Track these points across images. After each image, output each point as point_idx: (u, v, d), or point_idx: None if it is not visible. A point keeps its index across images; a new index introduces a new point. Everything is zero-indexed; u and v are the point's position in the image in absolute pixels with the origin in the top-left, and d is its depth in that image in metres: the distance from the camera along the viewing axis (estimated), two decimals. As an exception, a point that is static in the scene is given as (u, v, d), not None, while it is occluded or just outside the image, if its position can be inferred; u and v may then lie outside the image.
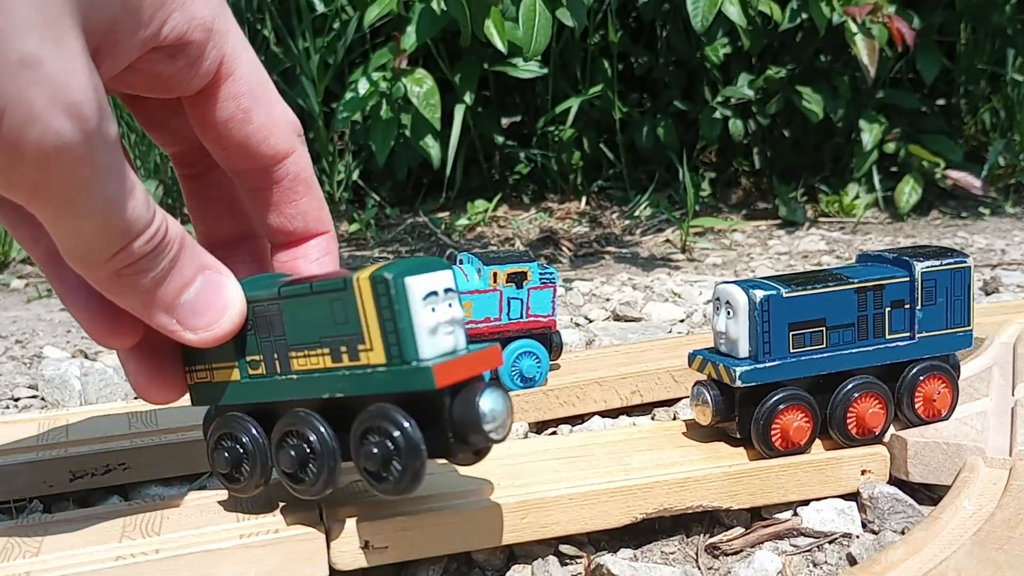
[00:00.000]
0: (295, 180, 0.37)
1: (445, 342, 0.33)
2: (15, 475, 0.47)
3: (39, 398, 0.67)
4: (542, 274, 0.55)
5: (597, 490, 0.41)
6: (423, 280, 0.32)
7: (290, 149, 0.36)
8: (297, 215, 0.37)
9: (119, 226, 0.30)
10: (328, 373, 0.34)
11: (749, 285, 0.44)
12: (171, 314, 0.33)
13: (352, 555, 0.37)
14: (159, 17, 0.31)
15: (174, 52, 0.32)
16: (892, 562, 0.35)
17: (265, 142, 0.35)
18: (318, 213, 0.38)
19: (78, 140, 0.27)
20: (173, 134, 0.39)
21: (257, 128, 0.35)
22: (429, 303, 0.32)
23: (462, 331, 0.34)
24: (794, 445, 0.44)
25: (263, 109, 0.35)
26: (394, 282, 0.32)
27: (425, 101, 1.24)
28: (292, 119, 0.36)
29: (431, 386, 0.32)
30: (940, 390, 0.46)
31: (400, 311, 0.32)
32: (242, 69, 0.34)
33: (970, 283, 0.46)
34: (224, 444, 0.37)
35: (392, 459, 0.33)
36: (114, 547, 0.36)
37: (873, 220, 1.43)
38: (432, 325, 0.33)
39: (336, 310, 0.33)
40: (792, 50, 1.48)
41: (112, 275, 0.31)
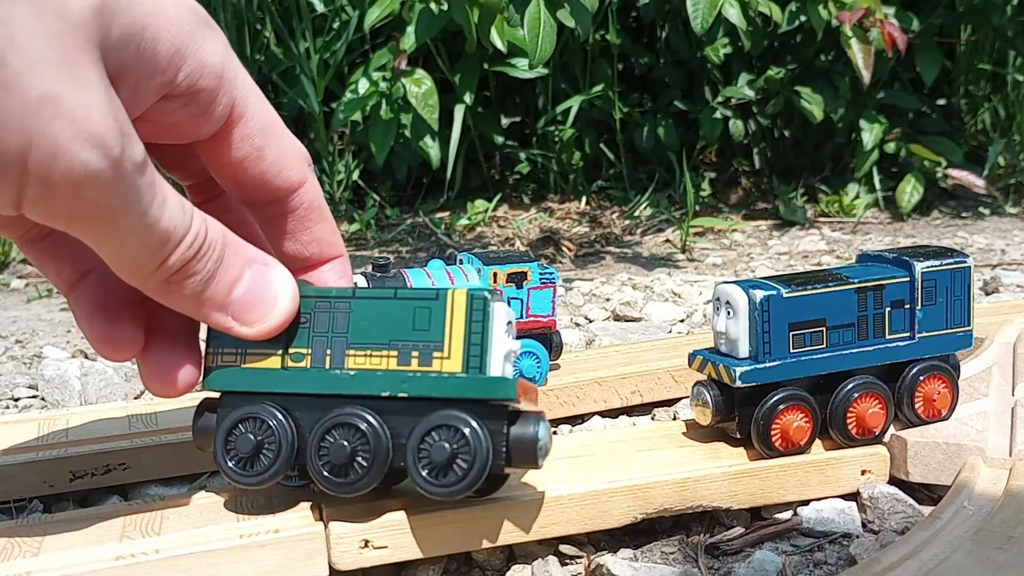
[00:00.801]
0: (309, 209, 0.38)
1: (509, 368, 0.37)
2: (15, 475, 0.47)
3: (39, 398, 0.67)
4: (542, 274, 0.55)
5: (597, 490, 0.41)
6: (503, 309, 0.36)
7: (302, 179, 0.37)
8: (312, 241, 0.39)
9: (158, 239, 0.31)
10: (392, 373, 0.36)
11: (749, 285, 0.44)
12: (226, 312, 0.35)
13: (352, 555, 0.37)
14: (174, 64, 0.32)
15: (187, 99, 0.33)
16: (892, 562, 0.35)
17: (279, 176, 0.37)
18: (331, 238, 0.39)
19: (105, 167, 0.28)
20: (187, 171, 0.40)
21: (271, 164, 0.36)
22: (508, 331, 0.36)
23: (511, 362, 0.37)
24: (794, 445, 0.44)
25: (275, 145, 0.36)
26: (489, 302, 0.36)
27: (423, 102, 1.24)
28: (302, 150, 0.38)
29: (513, 396, 0.35)
30: (940, 390, 0.46)
31: (489, 328, 0.35)
32: (253, 110, 0.35)
33: (970, 283, 0.46)
34: (247, 426, 0.37)
35: (458, 456, 0.35)
36: (114, 547, 0.36)
37: (873, 220, 1.43)
38: (507, 350, 0.36)
39: (419, 316, 0.36)
40: (792, 50, 1.48)
41: (162, 284, 0.33)
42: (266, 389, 0.37)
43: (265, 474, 0.37)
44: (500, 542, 0.40)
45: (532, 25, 0.94)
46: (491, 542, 0.40)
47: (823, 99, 1.38)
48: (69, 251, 0.36)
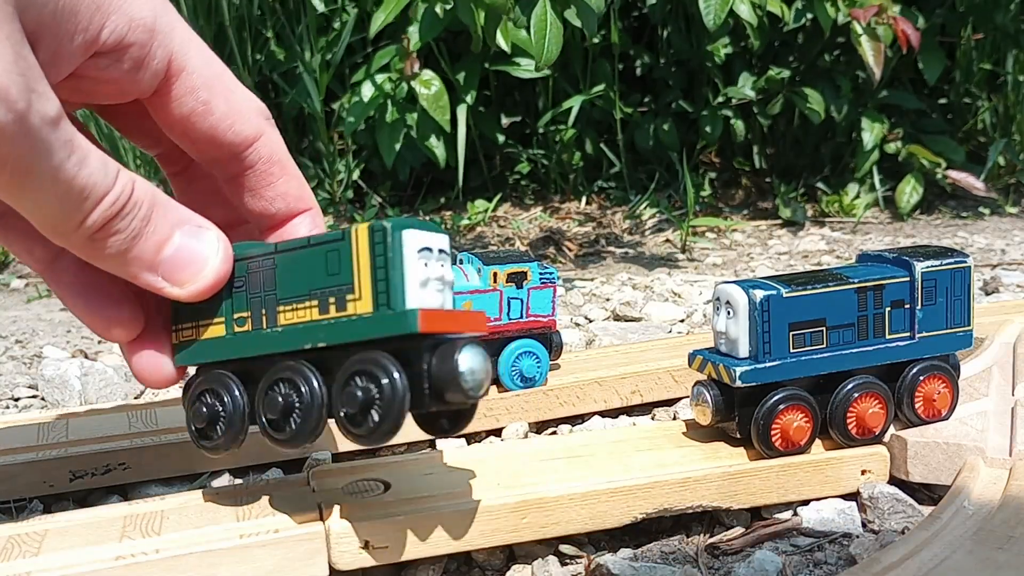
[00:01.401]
0: (268, 163, 0.37)
1: (433, 298, 0.33)
2: (15, 475, 0.47)
3: (39, 398, 0.67)
4: (542, 274, 0.55)
5: (597, 490, 0.41)
6: (420, 235, 0.33)
7: (258, 133, 0.36)
8: (277, 196, 0.38)
9: (75, 195, 0.30)
10: (313, 324, 0.34)
11: (749, 285, 0.44)
12: (155, 272, 0.34)
13: (352, 555, 0.37)
14: (96, 21, 0.31)
15: (118, 55, 0.33)
16: (892, 562, 0.35)
17: (231, 129, 0.36)
18: (298, 192, 0.38)
19: (8, 120, 0.28)
20: (149, 137, 0.39)
21: (220, 118, 0.35)
22: (423, 257, 0.33)
23: (451, 294, 0.35)
24: (794, 445, 0.44)
25: (222, 98, 0.35)
26: (391, 232, 0.32)
27: (434, 103, 1.24)
28: (256, 104, 0.37)
29: (414, 329, 0.32)
30: (940, 390, 0.46)
31: (393, 259, 0.32)
32: (193, 62, 0.35)
33: (970, 283, 0.46)
34: (204, 400, 0.37)
35: (373, 405, 0.33)
36: (114, 547, 0.36)
37: (873, 220, 1.43)
38: (423, 278, 0.33)
39: (330, 261, 0.34)
40: (794, 50, 1.48)
41: (85, 241, 0.32)
42: (217, 358, 0.37)
43: (219, 440, 0.37)
44: (500, 542, 0.40)
45: (539, 27, 0.94)
46: (491, 542, 0.40)
47: (824, 99, 1.38)
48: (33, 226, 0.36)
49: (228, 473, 0.51)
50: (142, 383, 0.38)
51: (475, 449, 0.48)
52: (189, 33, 0.35)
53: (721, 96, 1.43)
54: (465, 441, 0.55)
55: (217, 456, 0.39)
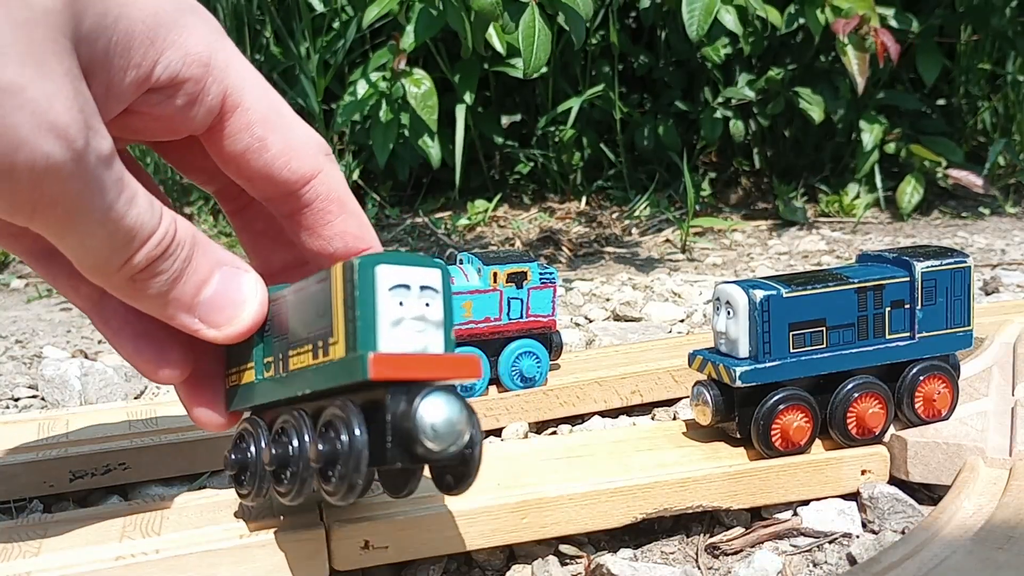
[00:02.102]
0: (326, 200, 0.36)
1: (411, 340, 0.30)
2: (15, 475, 0.47)
3: (39, 398, 0.67)
4: (542, 274, 0.55)
5: (597, 490, 0.41)
6: (394, 271, 0.30)
7: (315, 170, 0.35)
8: (335, 236, 0.37)
9: (123, 235, 0.30)
10: (305, 369, 0.33)
11: (749, 285, 0.44)
12: (192, 313, 0.33)
13: (352, 555, 0.37)
14: (150, 57, 0.31)
15: (171, 91, 0.32)
16: (892, 562, 0.35)
17: (287, 167, 0.35)
18: (357, 231, 0.37)
19: (66, 159, 0.27)
20: (204, 173, 0.39)
21: (276, 155, 0.35)
22: (396, 295, 0.30)
23: (439, 335, 0.31)
24: (794, 445, 0.44)
25: (279, 135, 0.35)
26: (359, 268, 0.30)
27: (422, 102, 1.24)
28: (316, 140, 0.36)
29: (363, 376, 0.29)
30: (940, 390, 0.46)
31: (361, 299, 0.30)
32: (249, 98, 0.34)
33: (970, 283, 0.46)
34: (236, 446, 0.36)
35: (337, 461, 0.31)
36: (114, 547, 0.36)
37: (873, 220, 1.43)
38: (395, 318, 0.30)
39: (320, 302, 0.32)
40: (792, 51, 1.48)
41: (126, 281, 0.31)
42: (248, 404, 0.36)
43: (248, 489, 0.36)
44: (500, 542, 0.40)
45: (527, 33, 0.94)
46: (491, 542, 0.40)
47: (823, 100, 1.38)
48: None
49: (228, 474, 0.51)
50: (203, 426, 0.38)
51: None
52: (246, 68, 0.34)
53: (721, 96, 1.43)
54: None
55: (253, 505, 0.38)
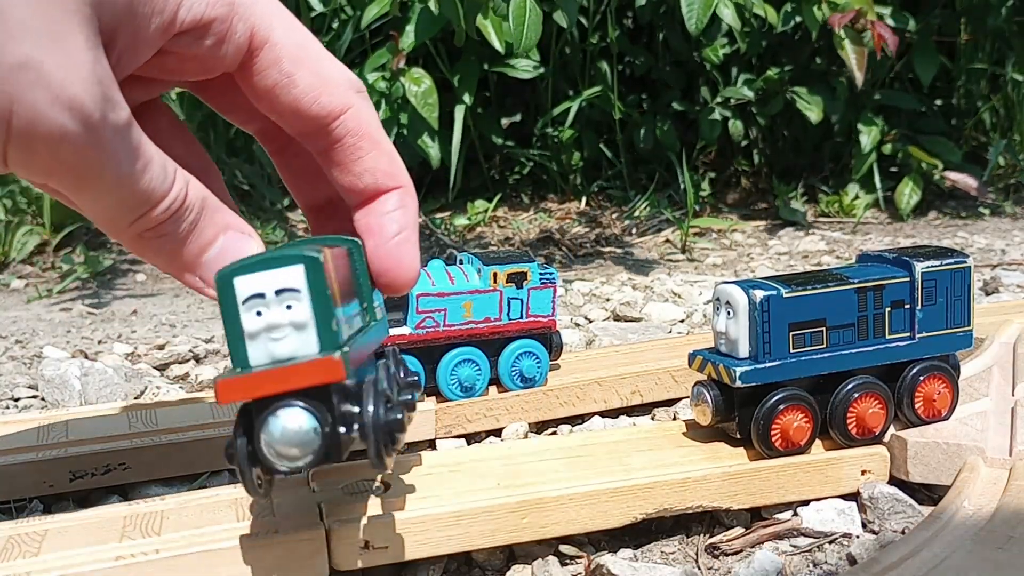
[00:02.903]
0: (356, 135, 0.36)
1: (277, 348, 0.30)
2: (15, 475, 0.47)
3: (39, 398, 0.67)
4: (542, 274, 0.55)
5: (597, 490, 0.41)
6: (250, 280, 0.30)
7: (345, 105, 0.35)
8: (365, 172, 0.37)
9: (134, 199, 0.31)
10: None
11: (749, 285, 0.44)
12: (195, 272, 0.34)
13: (352, 555, 0.37)
14: (172, 2, 0.32)
15: (199, 33, 0.33)
16: (892, 562, 0.35)
17: (316, 102, 0.35)
18: (388, 168, 0.37)
19: (80, 131, 0.29)
20: (243, 112, 0.39)
21: (305, 90, 0.35)
22: (253, 306, 0.30)
23: (309, 336, 0.30)
24: (794, 445, 0.44)
25: (308, 70, 0.35)
26: (217, 283, 0.30)
27: (423, 100, 1.24)
28: (347, 75, 0.36)
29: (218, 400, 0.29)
30: (940, 390, 0.46)
31: (225, 314, 0.30)
32: (277, 34, 0.34)
33: (970, 283, 0.46)
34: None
35: (232, 461, 0.31)
36: (114, 547, 0.36)
37: (873, 220, 1.43)
38: (253, 330, 0.30)
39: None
40: (790, 51, 1.48)
41: (134, 237, 0.33)
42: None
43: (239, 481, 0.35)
44: (500, 542, 0.40)
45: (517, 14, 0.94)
46: (491, 542, 0.40)
47: (821, 100, 1.38)
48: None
49: (228, 473, 0.51)
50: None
51: (475, 449, 0.48)
52: (273, 5, 0.35)
53: (719, 96, 1.43)
54: (465, 441, 0.55)
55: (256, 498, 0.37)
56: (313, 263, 0.30)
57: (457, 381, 0.54)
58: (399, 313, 0.53)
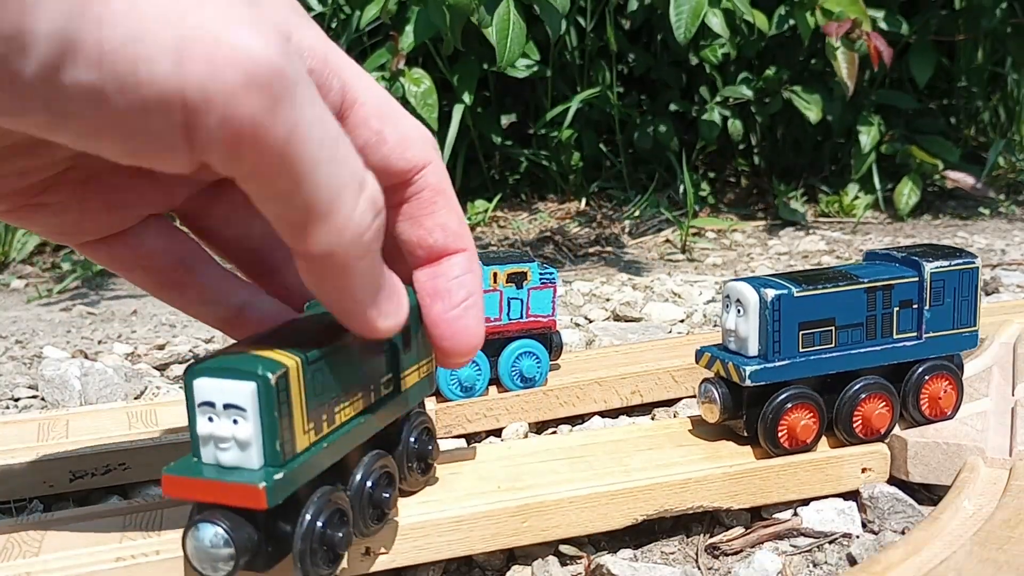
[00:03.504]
0: (434, 191, 0.36)
1: (222, 456, 0.30)
2: (15, 475, 0.47)
3: (39, 398, 0.67)
4: (542, 274, 0.55)
5: (597, 493, 0.41)
6: (206, 385, 0.30)
7: (426, 160, 0.35)
8: (436, 227, 0.36)
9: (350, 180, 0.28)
10: None
11: (760, 283, 0.43)
12: (375, 297, 0.31)
13: (353, 562, 0.37)
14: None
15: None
16: (892, 562, 0.35)
17: (403, 157, 0.35)
18: (457, 228, 0.37)
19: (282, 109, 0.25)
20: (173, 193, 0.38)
21: (393, 146, 0.34)
22: (205, 412, 0.30)
23: (252, 453, 0.30)
24: (800, 444, 0.44)
25: (393, 127, 0.34)
26: (185, 376, 0.30)
27: (423, 101, 1.24)
28: (425, 133, 0.36)
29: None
30: (945, 389, 0.46)
31: (189, 406, 0.30)
32: (365, 94, 0.34)
33: (977, 284, 0.46)
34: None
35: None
36: (114, 547, 0.36)
37: (873, 220, 1.43)
38: (204, 434, 0.30)
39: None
40: (787, 52, 1.48)
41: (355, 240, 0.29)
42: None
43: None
44: (501, 546, 0.40)
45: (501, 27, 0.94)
46: (491, 546, 0.40)
47: (820, 100, 1.38)
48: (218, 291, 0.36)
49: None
50: None
51: (475, 449, 0.48)
52: (357, 67, 0.34)
53: (719, 96, 1.43)
54: (465, 441, 0.55)
55: None
56: (264, 383, 0.30)
57: (457, 381, 0.54)
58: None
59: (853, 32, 1.19)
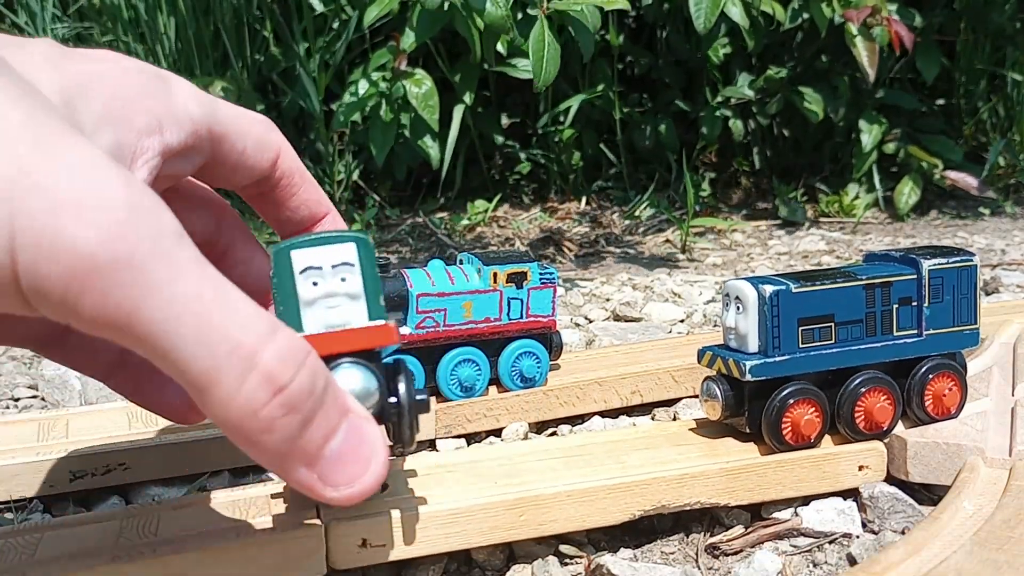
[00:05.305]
0: (291, 173, 0.37)
1: (331, 315, 0.32)
2: (15, 475, 0.47)
3: (39, 398, 0.67)
4: (542, 274, 0.55)
5: (594, 487, 0.41)
6: (306, 254, 0.32)
7: (278, 148, 0.36)
8: (300, 205, 0.38)
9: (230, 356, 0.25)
10: None
11: (759, 281, 0.44)
12: (312, 468, 0.27)
13: (350, 554, 0.37)
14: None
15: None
16: (892, 562, 0.35)
17: (262, 159, 0.36)
18: (317, 196, 0.39)
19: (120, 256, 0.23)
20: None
21: (251, 154, 0.35)
22: (309, 277, 0.32)
23: (360, 306, 0.32)
24: (804, 439, 0.44)
25: (245, 133, 0.35)
26: (274, 256, 0.32)
27: (424, 102, 1.24)
28: (263, 119, 0.36)
29: None
30: (950, 387, 0.46)
31: (279, 284, 0.32)
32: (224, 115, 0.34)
33: (976, 281, 0.46)
34: None
35: None
36: (112, 548, 0.36)
37: (873, 220, 1.43)
38: (310, 298, 0.32)
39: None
40: (792, 50, 1.48)
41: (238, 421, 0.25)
42: None
43: None
44: (498, 540, 0.40)
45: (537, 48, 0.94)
46: (489, 540, 0.40)
47: (823, 99, 1.38)
48: (96, 343, 0.35)
49: (228, 473, 0.51)
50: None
51: (474, 449, 0.48)
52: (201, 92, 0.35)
53: (720, 96, 1.43)
54: (465, 442, 0.55)
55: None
56: (364, 242, 0.33)
57: (457, 381, 0.54)
58: (399, 313, 0.53)
59: (873, 18, 1.19)
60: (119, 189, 0.24)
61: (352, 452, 0.28)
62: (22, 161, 0.23)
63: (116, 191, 0.24)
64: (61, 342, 0.35)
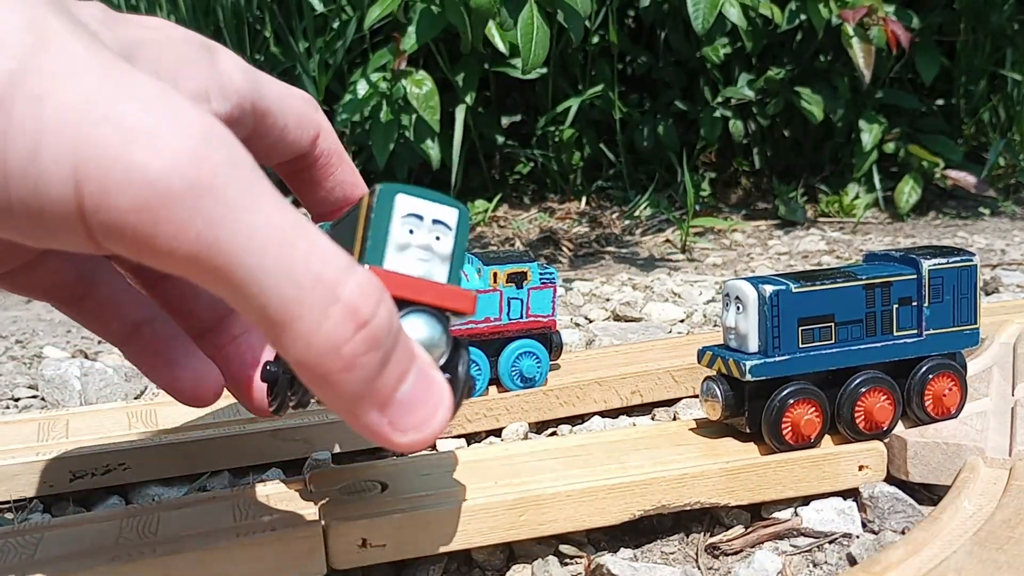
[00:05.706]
0: (330, 154, 0.37)
1: (415, 266, 0.31)
2: (15, 475, 0.47)
3: (39, 398, 0.67)
4: (542, 274, 0.55)
5: (595, 487, 0.41)
6: (411, 201, 0.31)
7: (319, 127, 0.36)
8: (336, 185, 0.38)
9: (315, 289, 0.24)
10: None
11: (759, 280, 0.44)
12: (384, 412, 0.27)
13: (350, 553, 0.37)
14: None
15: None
16: (892, 562, 0.35)
17: (303, 136, 0.36)
18: (353, 179, 0.38)
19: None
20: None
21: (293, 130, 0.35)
22: (408, 223, 0.31)
23: (444, 267, 0.32)
24: (804, 439, 0.44)
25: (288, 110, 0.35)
26: (379, 193, 0.31)
27: (425, 103, 1.24)
28: (306, 97, 0.36)
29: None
30: (950, 387, 0.46)
31: (375, 220, 0.31)
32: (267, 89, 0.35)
33: (976, 281, 0.46)
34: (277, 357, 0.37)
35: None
36: (112, 548, 0.36)
37: (873, 220, 1.43)
38: (403, 242, 0.31)
39: (350, 225, 0.33)
40: (791, 51, 1.48)
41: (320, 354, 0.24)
42: None
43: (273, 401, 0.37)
44: (498, 540, 0.40)
45: (525, 31, 0.94)
46: (489, 540, 0.40)
47: (822, 99, 1.38)
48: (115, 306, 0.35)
49: (228, 473, 0.51)
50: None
51: (474, 449, 0.48)
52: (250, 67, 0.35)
53: (720, 96, 1.43)
54: (465, 442, 0.55)
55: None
56: (465, 215, 0.33)
57: (457, 381, 0.54)
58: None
59: (870, 18, 1.19)
60: (194, 118, 0.23)
61: (422, 396, 0.28)
62: (88, 91, 0.22)
63: (191, 119, 0.23)
64: (79, 303, 0.35)
